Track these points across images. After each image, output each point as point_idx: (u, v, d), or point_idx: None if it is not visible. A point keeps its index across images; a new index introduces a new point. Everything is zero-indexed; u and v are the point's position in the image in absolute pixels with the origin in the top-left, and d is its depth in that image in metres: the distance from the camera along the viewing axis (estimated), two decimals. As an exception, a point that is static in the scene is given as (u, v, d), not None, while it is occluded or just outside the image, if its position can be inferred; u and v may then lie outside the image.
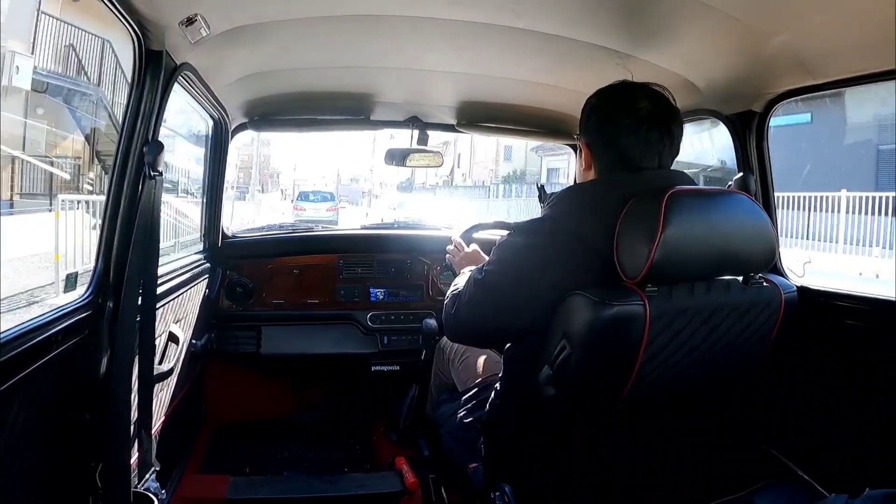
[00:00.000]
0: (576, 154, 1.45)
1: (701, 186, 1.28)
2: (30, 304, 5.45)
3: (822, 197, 10.88)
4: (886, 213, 10.05)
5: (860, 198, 10.35)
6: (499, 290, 1.32)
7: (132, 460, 1.44)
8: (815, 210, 11.00)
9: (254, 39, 1.63)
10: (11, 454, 1.08)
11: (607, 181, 1.31)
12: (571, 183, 1.81)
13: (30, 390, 1.09)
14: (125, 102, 1.36)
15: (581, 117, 1.38)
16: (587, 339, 1.17)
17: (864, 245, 10.28)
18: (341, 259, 2.70)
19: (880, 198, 10.14)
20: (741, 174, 1.68)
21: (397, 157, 2.63)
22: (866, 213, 10.26)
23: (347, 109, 2.47)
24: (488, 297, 1.33)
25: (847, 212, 10.57)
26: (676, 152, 1.33)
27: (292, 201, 23.82)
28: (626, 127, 1.28)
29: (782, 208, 10.54)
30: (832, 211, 10.76)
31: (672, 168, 1.34)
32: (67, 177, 10.32)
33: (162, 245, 1.49)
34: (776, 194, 1.77)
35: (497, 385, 1.49)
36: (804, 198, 11.05)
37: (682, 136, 1.34)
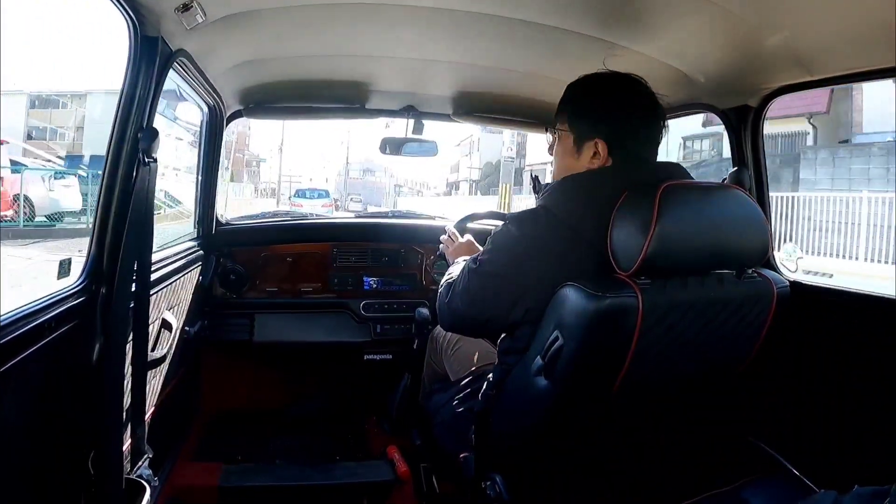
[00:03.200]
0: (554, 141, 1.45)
1: (695, 180, 1.28)
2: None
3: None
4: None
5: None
6: (493, 280, 1.32)
7: (125, 447, 1.44)
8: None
9: (250, 26, 1.62)
10: (3, 441, 1.08)
11: (602, 172, 1.31)
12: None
13: (22, 377, 1.09)
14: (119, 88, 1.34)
15: (567, 106, 1.40)
16: (580, 330, 1.17)
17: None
18: (335, 247, 2.70)
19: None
20: (736, 168, 1.69)
21: (392, 146, 2.63)
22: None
23: (343, 98, 2.45)
24: (482, 286, 1.34)
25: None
26: (660, 139, 1.37)
27: (290, 198, 23.90)
28: (638, 123, 1.31)
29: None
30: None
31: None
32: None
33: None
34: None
35: (490, 375, 1.49)
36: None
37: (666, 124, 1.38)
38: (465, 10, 1.57)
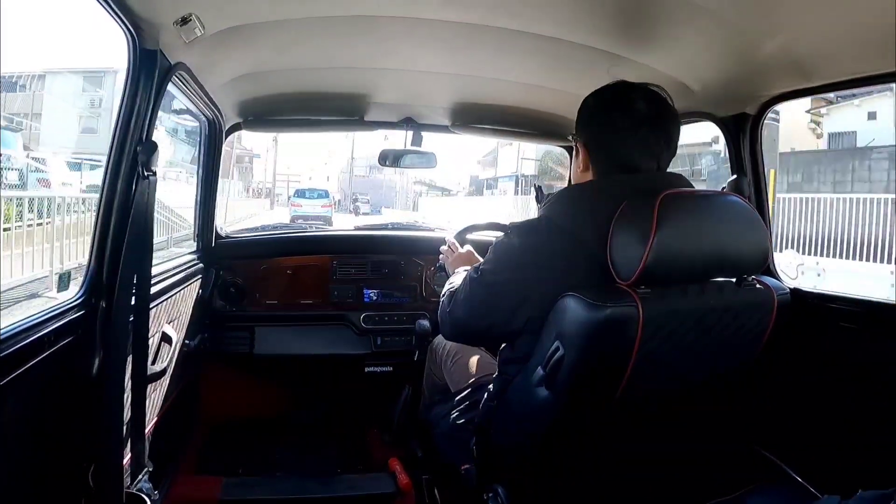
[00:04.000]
0: (571, 155, 1.46)
1: (695, 188, 1.28)
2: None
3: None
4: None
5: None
6: (494, 289, 1.32)
7: (125, 461, 1.43)
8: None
9: (248, 39, 1.62)
10: (3, 454, 1.07)
11: (603, 182, 1.31)
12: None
13: (22, 391, 1.08)
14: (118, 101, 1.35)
15: (578, 118, 1.38)
16: (581, 340, 1.17)
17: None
18: (335, 260, 2.70)
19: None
20: (735, 176, 1.69)
21: (391, 158, 2.64)
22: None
23: (342, 110, 2.46)
24: (484, 295, 1.34)
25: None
26: (674, 153, 1.34)
27: (288, 198, 23.81)
28: (624, 129, 1.29)
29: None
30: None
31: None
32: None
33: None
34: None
35: (490, 386, 1.49)
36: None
37: (679, 137, 1.35)
38: (462, 22, 1.57)
